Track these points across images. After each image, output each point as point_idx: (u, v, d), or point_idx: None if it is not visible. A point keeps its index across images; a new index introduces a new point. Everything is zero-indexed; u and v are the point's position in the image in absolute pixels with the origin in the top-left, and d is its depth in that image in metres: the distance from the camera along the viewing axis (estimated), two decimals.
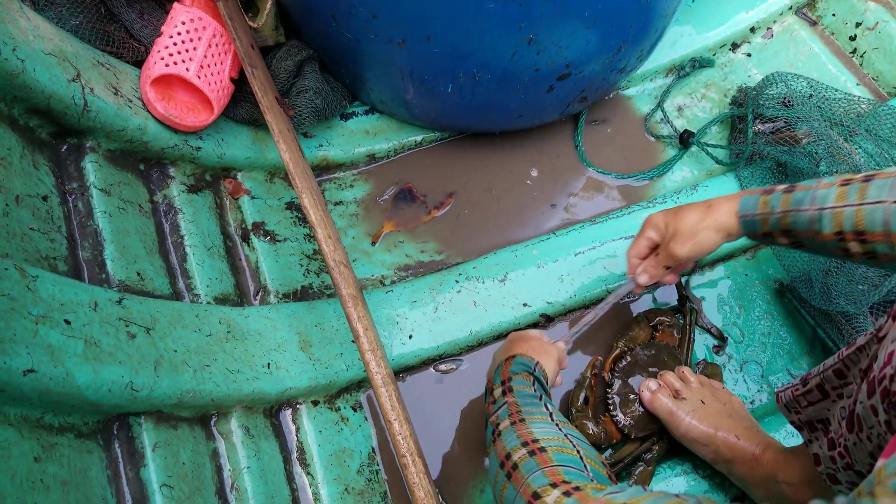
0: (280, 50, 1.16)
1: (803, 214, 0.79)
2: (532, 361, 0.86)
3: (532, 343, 0.92)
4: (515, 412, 0.75)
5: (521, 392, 0.79)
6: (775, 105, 1.30)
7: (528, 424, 0.72)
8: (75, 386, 0.74)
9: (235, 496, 0.92)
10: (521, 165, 1.33)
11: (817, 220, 0.77)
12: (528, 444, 0.68)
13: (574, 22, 1.03)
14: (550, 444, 0.68)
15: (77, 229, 0.92)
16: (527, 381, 0.81)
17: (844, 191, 0.75)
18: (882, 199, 0.71)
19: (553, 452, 0.66)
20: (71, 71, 0.92)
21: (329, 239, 0.97)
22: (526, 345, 0.91)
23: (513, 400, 0.78)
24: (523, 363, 0.85)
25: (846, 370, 0.79)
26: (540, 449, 0.67)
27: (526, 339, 0.93)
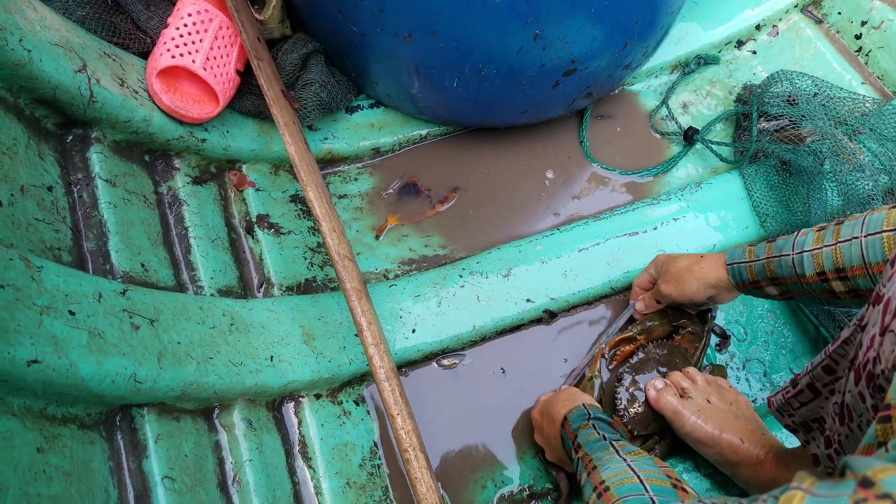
0: (286, 43, 1.16)
1: (786, 259, 0.85)
2: (581, 408, 0.90)
3: (561, 398, 0.97)
4: (588, 463, 0.79)
5: (588, 442, 0.83)
6: (780, 103, 1.30)
7: (598, 471, 0.75)
8: (79, 377, 0.74)
9: (237, 489, 0.92)
10: (526, 160, 1.33)
11: (799, 264, 0.84)
12: (597, 488, 0.72)
13: (580, 17, 1.03)
14: (613, 481, 0.71)
15: (82, 220, 0.92)
16: (589, 430, 0.85)
17: (820, 234, 0.82)
18: (855, 235, 0.77)
19: (615, 488, 0.70)
20: (77, 62, 0.92)
21: (333, 232, 0.97)
22: (560, 403, 0.95)
23: (583, 453, 0.82)
24: (577, 416, 0.89)
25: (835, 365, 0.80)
26: (605, 489, 0.71)
27: (552, 401, 0.98)
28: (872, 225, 0.77)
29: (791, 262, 0.85)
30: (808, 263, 0.83)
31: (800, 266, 0.84)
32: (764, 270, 0.90)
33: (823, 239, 0.82)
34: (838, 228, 0.81)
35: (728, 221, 1.25)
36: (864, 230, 0.77)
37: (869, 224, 0.77)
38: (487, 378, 1.13)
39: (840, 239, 0.79)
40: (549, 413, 0.98)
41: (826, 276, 0.81)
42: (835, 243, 0.80)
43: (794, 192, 1.24)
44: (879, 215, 0.77)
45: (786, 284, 0.88)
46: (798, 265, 0.84)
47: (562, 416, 0.92)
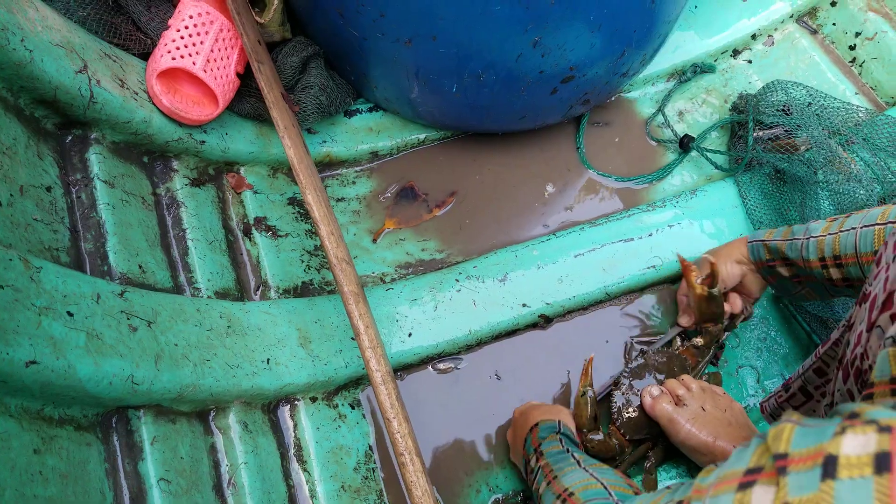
0: (286, 46, 1.16)
1: (796, 243, 0.92)
2: (554, 422, 0.93)
3: (543, 408, 0.99)
4: (549, 473, 0.81)
5: (551, 452, 0.84)
6: (775, 112, 1.31)
7: (559, 480, 0.77)
8: (76, 378, 0.74)
9: (232, 492, 0.92)
10: (523, 166, 1.34)
11: (805, 248, 0.89)
12: (561, 495, 0.74)
13: (579, 25, 1.04)
14: (577, 487, 0.73)
15: (80, 221, 0.92)
16: (554, 441, 0.87)
17: (829, 224, 0.89)
18: (854, 226, 0.83)
19: (580, 492, 0.72)
20: (78, 62, 0.92)
21: (332, 236, 0.97)
22: (538, 411, 0.98)
23: (545, 462, 0.83)
24: (548, 427, 0.91)
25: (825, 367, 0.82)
26: (569, 495, 0.73)
27: (535, 406, 1.01)
28: (870, 217, 0.82)
29: (799, 246, 0.91)
30: (812, 248, 0.88)
31: (805, 250, 0.89)
32: (777, 250, 0.96)
33: (830, 228, 0.88)
34: (844, 220, 0.87)
35: (722, 229, 1.26)
36: (862, 222, 0.82)
37: (868, 217, 0.83)
38: (483, 382, 1.13)
39: (843, 228, 0.85)
40: (526, 416, 0.99)
41: (826, 262, 0.87)
42: (837, 232, 0.86)
43: (788, 200, 1.25)
44: (879, 210, 0.82)
45: (795, 266, 0.93)
46: (804, 249, 0.90)
47: (534, 422, 0.94)
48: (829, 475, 0.33)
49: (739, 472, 0.39)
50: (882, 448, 0.32)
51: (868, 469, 0.32)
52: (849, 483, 0.32)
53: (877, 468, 0.32)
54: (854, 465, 0.33)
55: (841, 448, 0.34)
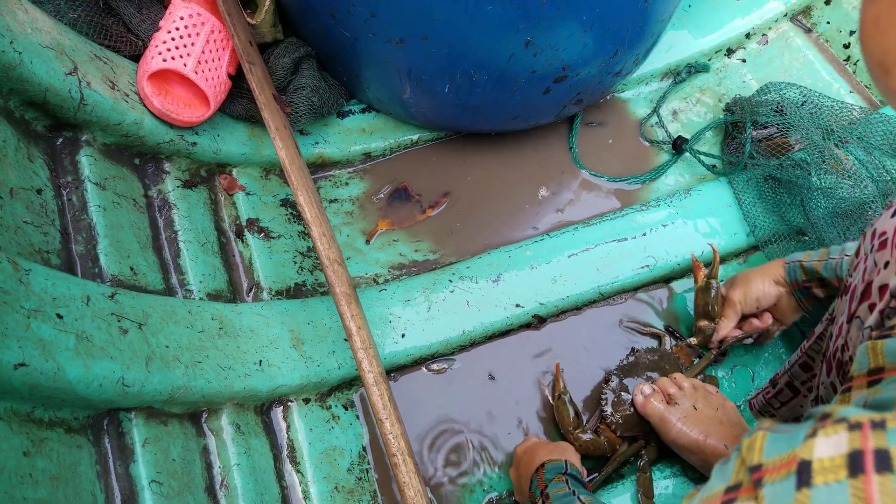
0: (278, 47, 1.16)
1: (831, 262, 0.90)
2: (561, 462, 0.90)
3: (549, 447, 0.97)
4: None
5: (557, 496, 0.83)
6: (768, 112, 1.31)
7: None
8: (66, 381, 0.74)
9: (225, 493, 0.92)
10: (516, 166, 1.34)
11: (839, 266, 0.87)
12: None
13: (571, 25, 1.04)
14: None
15: (71, 223, 0.92)
16: (561, 483, 0.85)
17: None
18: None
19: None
20: (68, 64, 0.92)
21: (323, 237, 0.97)
22: (544, 450, 0.96)
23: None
24: (554, 468, 0.89)
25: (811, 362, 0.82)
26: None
27: (540, 445, 0.98)
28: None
29: (833, 266, 0.90)
30: (846, 267, 0.87)
31: (839, 269, 0.88)
32: (813, 271, 0.95)
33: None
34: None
35: (717, 228, 1.26)
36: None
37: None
38: (476, 383, 1.13)
39: None
40: (531, 454, 0.97)
41: None
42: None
43: (783, 200, 1.25)
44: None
45: (830, 287, 0.92)
46: (839, 267, 0.89)
47: (540, 462, 0.92)
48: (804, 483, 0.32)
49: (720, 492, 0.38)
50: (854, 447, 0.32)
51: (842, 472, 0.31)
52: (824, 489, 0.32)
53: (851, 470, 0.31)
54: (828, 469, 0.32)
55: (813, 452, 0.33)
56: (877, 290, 0.63)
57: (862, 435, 0.32)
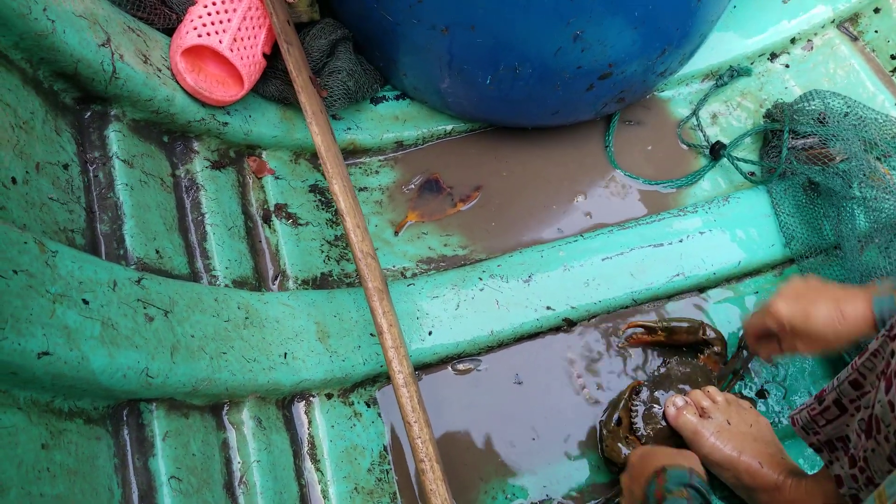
0: (314, 27, 1.12)
1: None
2: (684, 470, 0.82)
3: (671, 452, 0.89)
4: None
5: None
6: (810, 121, 1.27)
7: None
8: (90, 370, 0.70)
9: (243, 491, 0.88)
10: (551, 163, 1.29)
11: None
12: None
13: (622, 21, 1.00)
14: None
15: (97, 201, 0.88)
16: (681, 500, 0.78)
17: None
18: None
19: None
20: (101, 35, 0.88)
21: (358, 229, 0.93)
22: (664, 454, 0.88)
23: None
24: (677, 476, 0.81)
25: (862, 379, 0.78)
26: None
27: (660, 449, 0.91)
28: None
29: None
30: None
31: None
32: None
33: None
34: None
35: (754, 238, 1.22)
36: None
37: None
38: (503, 385, 1.10)
39: None
40: (649, 457, 0.90)
41: None
42: None
43: (821, 213, 1.21)
44: None
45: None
46: None
47: (659, 465, 0.85)
48: None
49: None
50: None
51: None
52: None
53: None
54: None
55: None
56: None
57: None
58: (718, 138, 1.35)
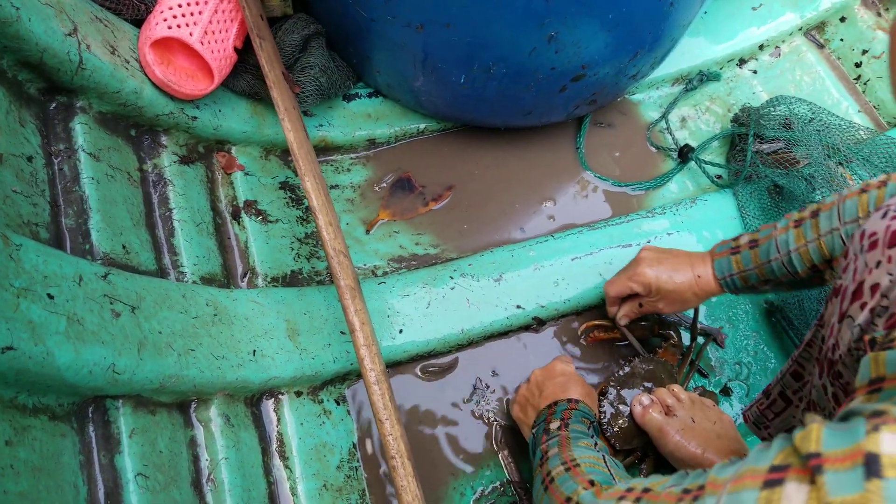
0: (287, 22, 1.11)
1: (775, 262, 0.90)
2: (594, 414, 0.92)
3: (587, 389, 0.98)
4: (565, 442, 0.80)
5: (575, 429, 0.84)
6: (776, 126, 1.29)
7: (572, 450, 0.77)
8: (55, 366, 0.69)
9: (211, 488, 0.87)
10: (522, 163, 1.30)
11: (789, 263, 0.88)
12: (567, 463, 0.74)
13: (596, 23, 1.01)
14: (585, 462, 0.73)
15: (61, 195, 0.86)
16: (584, 425, 0.86)
17: (800, 231, 0.87)
18: (835, 226, 0.83)
19: (586, 468, 0.72)
20: (68, 24, 0.86)
21: (330, 226, 0.92)
22: (582, 390, 0.96)
23: (566, 433, 0.83)
24: (587, 414, 0.90)
25: (801, 370, 0.83)
26: (575, 465, 0.73)
27: (579, 382, 0.98)
28: (848, 213, 0.81)
29: (782, 264, 0.90)
30: (797, 261, 0.87)
31: (790, 265, 0.89)
32: (757, 277, 0.94)
33: (805, 235, 0.86)
34: (815, 222, 0.85)
35: (720, 239, 1.23)
36: (842, 220, 0.82)
37: (845, 213, 0.82)
38: (472, 383, 1.10)
39: (821, 233, 0.84)
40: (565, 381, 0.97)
41: (817, 267, 0.86)
42: (817, 238, 0.85)
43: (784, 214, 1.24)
44: (852, 202, 0.81)
45: (779, 282, 0.93)
46: (789, 265, 0.89)
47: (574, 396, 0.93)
48: (874, 474, 0.33)
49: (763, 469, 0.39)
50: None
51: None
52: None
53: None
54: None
55: (881, 446, 0.34)
56: (868, 289, 0.65)
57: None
58: (687, 141, 1.37)
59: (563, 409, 0.89)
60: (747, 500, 0.38)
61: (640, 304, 1.07)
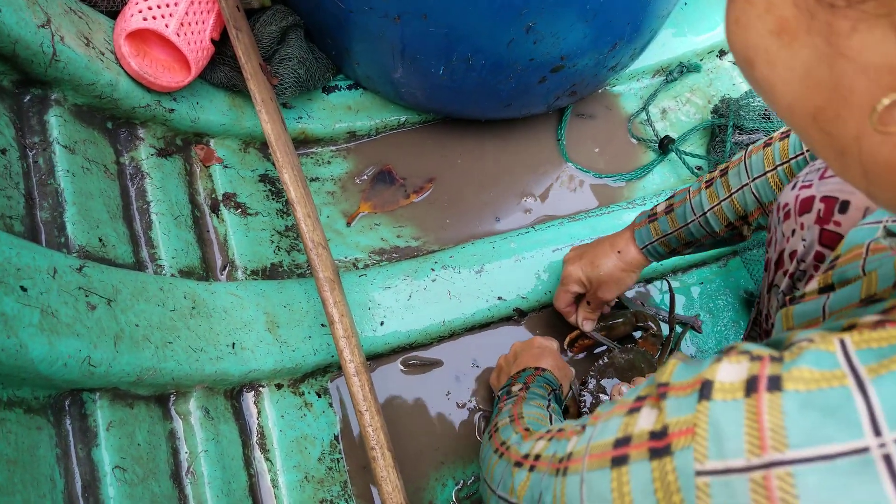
0: (265, 14, 1.10)
1: (693, 224, 0.92)
2: (557, 383, 0.93)
3: (560, 363, 0.99)
4: (519, 402, 0.82)
5: (534, 392, 0.85)
6: (755, 117, 1.30)
7: (521, 407, 0.79)
8: (28, 359, 0.68)
9: (191, 481, 0.87)
10: (504, 155, 1.30)
11: (706, 224, 0.90)
12: (513, 417, 0.75)
13: (574, 14, 1.01)
14: (530, 416, 0.75)
15: (36, 187, 0.86)
16: (545, 390, 0.87)
17: (712, 191, 0.89)
18: (744, 182, 0.84)
19: (528, 420, 0.73)
20: (41, 16, 0.85)
21: (308, 218, 0.92)
22: (554, 362, 0.98)
23: (524, 395, 0.84)
24: (550, 381, 0.91)
25: None
26: (520, 418, 0.74)
27: (553, 355, 1.00)
28: (755, 168, 0.83)
29: (699, 225, 0.91)
30: (714, 221, 0.89)
31: (707, 226, 0.90)
32: (678, 240, 0.96)
33: (717, 194, 0.88)
34: (725, 180, 0.87)
35: None
36: (750, 175, 0.84)
37: (752, 168, 0.84)
38: (453, 375, 1.10)
39: (732, 190, 0.86)
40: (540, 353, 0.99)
41: (733, 224, 0.88)
42: (729, 195, 0.86)
43: None
44: (758, 157, 0.83)
45: (701, 243, 0.95)
46: (706, 225, 0.91)
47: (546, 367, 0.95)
48: (705, 397, 0.36)
49: (630, 400, 0.43)
50: (752, 373, 0.35)
51: (740, 392, 0.35)
52: (721, 404, 0.35)
53: (747, 391, 0.35)
54: (727, 390, 0.36)
55: (716, 375, 0.37)
56: (787, 257, 0.70)
57: (761, 364, 0.35)
58: (668, 133, 1.38)
59: (527, 375, 0.91)
60: (613, 426, 0.42)
61: (588, 303, 1.08)
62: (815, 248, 0.67)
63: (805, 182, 0.70)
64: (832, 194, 0.67)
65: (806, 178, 0.71)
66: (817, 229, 0.67)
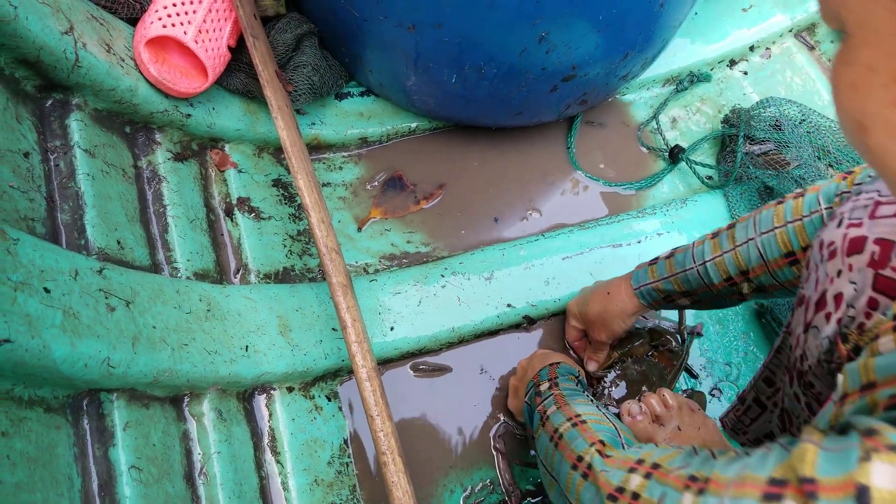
0: (280, 21, 1.12)
1: (691, 272, 0.89)
2: (576, 369, 0.94)
3: (567, 358, 1.01)
4: (561, 400, 0.81)
5: (566, 387, 0.85)
6: (766, 127, 1.31)
7: (572, 406, 0.77)
8: (51, 359, 0.70)
9: (203, 482, 0.88)
10: (513, 163, 1.32)
11: (705, 274, 0.88)
12: (572, 419, 0.74)
13: (586, 24, 1.02)
14: (591, 418, 0.74)
15: (57, 190, 0.87)
16: (571, 382, 0.87)
17: (717, 241, 0.87)
18: (750, 236, 0.82)
19: (593, 424, 0.72)
20: (64, 23, 0.87)
21: (322, 224, 0.94)
22: (562, 357, 0.99)
23: (558, 392, 0.83)
24: (569, 370, 0.91)
25: (773, 375, 0.84)
26: (581, 422, 0.73)
27: (558, 353, 1.02)
28: (764, 224, 0.81)
29: (697, 274, 0.89)
30: (713, 272, 0.87)
31: (706, 276, 0.88)
32: (672, 286, 0.93)
33: (721, 245, 0.86)
34: (731, 232, 0.85)
35: None
36: (758, 230, 0.81)
37: (760, 223, 0.81)
38: (463, 382, 1.11)
39: (737, 243, 0.84)
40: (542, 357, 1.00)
41: (733, 279, 0.85)
42: (733, 248, 0.84)
43: None
44: (768, 213, 0.81)
45: (696, 294, 0.92)
46: (704, 275, 0.88)
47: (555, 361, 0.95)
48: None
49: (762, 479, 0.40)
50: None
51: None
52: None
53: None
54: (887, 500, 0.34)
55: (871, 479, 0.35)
56: (832, 299, 0.65)
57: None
58: (678, 142, 1.39)
59: (546, 371, 0.91)
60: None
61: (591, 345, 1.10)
62: (867, 294, 0.62)
63: (853, 220, 0.66)
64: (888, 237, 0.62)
65: (853, 215, 0.67)
66: (871, 273, 0.62)
